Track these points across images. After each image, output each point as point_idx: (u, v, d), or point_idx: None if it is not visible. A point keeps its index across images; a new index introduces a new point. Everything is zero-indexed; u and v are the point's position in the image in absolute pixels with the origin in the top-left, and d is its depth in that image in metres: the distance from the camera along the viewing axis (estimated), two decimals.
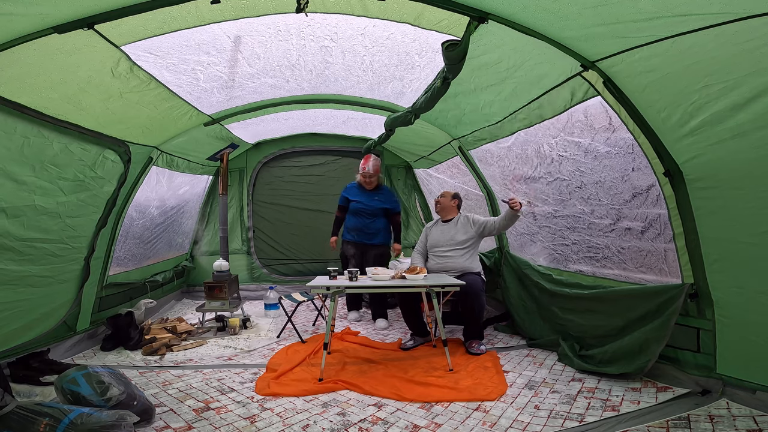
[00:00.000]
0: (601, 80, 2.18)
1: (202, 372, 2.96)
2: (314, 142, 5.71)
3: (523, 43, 2.16)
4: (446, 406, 2.33)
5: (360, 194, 4.22)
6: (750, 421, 1.90)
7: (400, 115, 3.35)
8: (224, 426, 2.15)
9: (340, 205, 4.32)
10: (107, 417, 1.88)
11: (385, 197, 4.27)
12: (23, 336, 2.73)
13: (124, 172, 3.28)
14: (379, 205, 4.19)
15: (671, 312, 2.30)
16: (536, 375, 2.72)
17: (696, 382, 2.25)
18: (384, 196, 4.27)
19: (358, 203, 4.17)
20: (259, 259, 5.67)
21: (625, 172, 2.53)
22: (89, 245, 3.17)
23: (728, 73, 1.69)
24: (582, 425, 2.05)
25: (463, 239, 3.51)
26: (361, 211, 4.16)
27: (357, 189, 4.27)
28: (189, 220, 5.35)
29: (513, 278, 3.75)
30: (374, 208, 4.17)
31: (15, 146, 2.24)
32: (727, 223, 2.02)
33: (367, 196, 4.20)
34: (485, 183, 4.01)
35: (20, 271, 2.52)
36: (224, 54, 2.68)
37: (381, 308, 4.15)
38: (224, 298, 4.09)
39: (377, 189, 4.28)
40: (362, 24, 2.40)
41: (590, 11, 1.78)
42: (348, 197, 4.25)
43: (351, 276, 3.00)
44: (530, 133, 3.12)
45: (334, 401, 2.44)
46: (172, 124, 3.52)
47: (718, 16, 1.53)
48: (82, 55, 2.12)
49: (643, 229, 2.53)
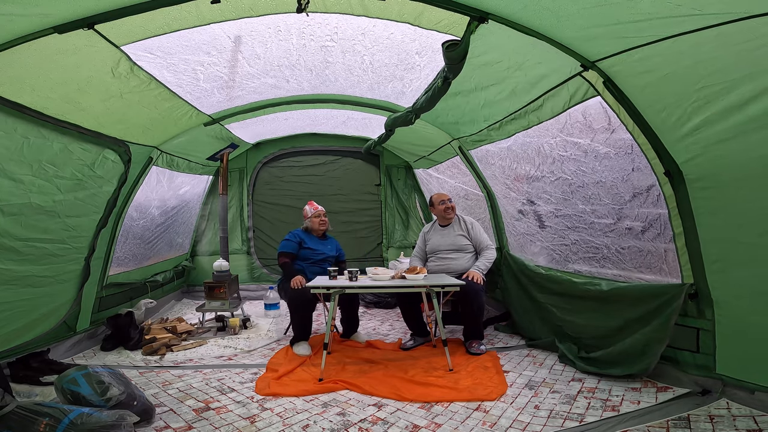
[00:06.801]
0: (601, 80, 2.18)
1: (202, 372, 2.96)
2: (314, 142, 5.71)
3: (524, 43, 2.16)
4: (446, 406, 2.33)
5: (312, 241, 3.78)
6: (750, 421, 1.90)
7: (401, 115, 3.35)
8: (224, 426, 2.15)
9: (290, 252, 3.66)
10: (107, 417, 1.88)
11: (333, 245, 3.93)
12: (23, 336, 2.73)
13: (124, 172, 3.28)
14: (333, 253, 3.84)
15: (671, 312, 2.29)
16: (536, 375, 2.72)
17: (696, 382, 2.25)
18: (332, 244, 3.93)
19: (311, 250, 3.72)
20: (259, 259, 5.67)
21: (626, 172, 2.53)
22: (89, 245, 3.17)
23: (728, 73, 1.69)
24: (582, 425, 2.04)
25: (465, 243, 3.52)
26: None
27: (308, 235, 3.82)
28: (189, 220, 5.35)
29: (513, 278, 3.75)
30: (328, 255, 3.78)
31: (15, 146, 2.25)
32: (727, 223, 2.02)
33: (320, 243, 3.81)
34: (485, 183, 4.01)
35: (21, 271, 2.52)
36: (224, 54, 2.68)
37: (352, 324, 3.73)
38: (224, 298, 4.09)
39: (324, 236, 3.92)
40: (362, 24, 2.40)
41: (590, 11, 1.78)
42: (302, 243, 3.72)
43: (351, 276, 3.00)
44: (530, 133, 3.12)
45: (334, 401, 2.44)
46: (172, 124, 3.52)
47: (718, 16, 1.52)
48: (83, 55, 2.12)
49: (643, 229, 2.53)
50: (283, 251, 3.65)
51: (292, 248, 3.65)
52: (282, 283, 3.63)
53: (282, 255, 3.64)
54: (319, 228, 3.82)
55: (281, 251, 3.66)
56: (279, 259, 3.66)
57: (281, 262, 3.63)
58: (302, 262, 3.64)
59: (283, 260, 3.61)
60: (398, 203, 5.81)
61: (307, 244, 3.71)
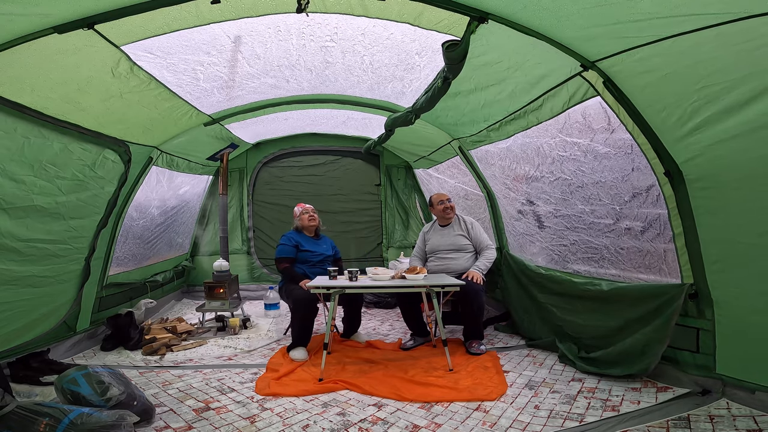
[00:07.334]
0: (601, 80, 2.18)
1: (202, 372, 2.96)
2: (314, 142, 5.71)
3: (523, 43, 2.16)
4: (446, 406, 2.33)
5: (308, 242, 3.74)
6: (750, 421, 1.90)
7: (401, 115, 3.35)
8: (224, 426, 2.15)
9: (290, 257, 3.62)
10: (107, 417, 1.88)
11: (328, 244, 3.89)
12: (23, 336, 2.73)
13: (124, 172, 3.28)
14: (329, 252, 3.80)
15: (671, 312, 2.29)
16: (536, 375, 2.72)
17: (696, 382, 2.25)
18: (327, 243, 3.88)
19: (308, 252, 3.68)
20: (259, 259, 5.67)
21: (625, 172, 2.53)
22: (90, 245, 3.17)
23: (728, 73, 1.69)
24: (582, 425, 2.04)
25: (465, 243, 3.52)
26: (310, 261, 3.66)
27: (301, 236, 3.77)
28: (189, 220, 5.35)
29: (513, 278, 3.75)
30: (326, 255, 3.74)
31: (15, 146, 2.24)
32: (727, 223, 2.02)
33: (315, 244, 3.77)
34: (485, 183, 4.01)
35: (21, 272, 2.52)
36: (224, 54, 2.68)
37: (353, 323, 3.71)
38: (224, 298, 4.09)
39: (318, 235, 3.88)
40: (362, 24, 2.40)
41: (590, 11, 1.78)
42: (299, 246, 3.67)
43: (351, 276, 3.00)
44: (529, 133, 3.11)
45: (334, 401, 2.44)
46: (172, 124, 3.52)
47: (718, 16, 1.52)
48: (82, 55, 2.12)
49: (643, 229, 2.53)
50: (282, 256, 3.60)
51: (289, 252, 3.61)
52: (284, 286, 3.60)
53: (281, 260, 3.59)
54: (309, 224, 3.77)
55: (279, 256, 3.62)
56: (278, 264, 3.61)
57: (282, 268, 3.58)
58: (302, 266, 3.60)
59: (284, 265, 3.56)
60: (398, 203, 5.81)
61: (304, 247, 3.66)
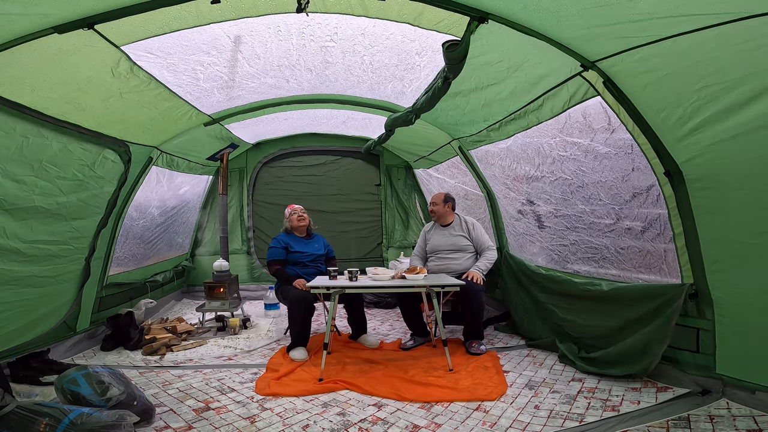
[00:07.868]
0: (601, 80, 2.18)
1: (202, 372, 2.96)
2: (314, 142, 5.71)
3: (523, 43, 2.16)
4: (446, 406, 2.33)
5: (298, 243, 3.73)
6: (750, 421, 1.90)
7: (401, 115, 3.35)
8: (224, 426, 2.15)
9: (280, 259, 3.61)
10: (107, 417, 1.88)
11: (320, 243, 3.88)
12: (23, 336, 2.73)
13: (124, 172, 3.28)
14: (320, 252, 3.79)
15: (671, 312, 2.29)
16: (536, 375, 2.72)
17: (696, 382, 2.25)
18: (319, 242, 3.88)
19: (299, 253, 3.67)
20: (259, 259, 5.67)
21: (625, 172, 2.53)
22: (90, 245, 3.17)
23: (728, 73, 1.69)
24: (582, 425, 2.04)
25: (466, 244, 3.52)
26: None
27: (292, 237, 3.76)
28: (189, 220, 5.35)
29: (513, 278, 3.75)
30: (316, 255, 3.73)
31: (15, 146, 2.24)
32: (727, 223, 2.02)
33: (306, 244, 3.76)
34: (485, 183, 4.01)
35: (22, 272, 2.52)
36: (224, 54, 2.68)
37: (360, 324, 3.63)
38: (224, 298, 4.09)
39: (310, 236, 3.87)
40: (362, 24, 2.40)
41: (590, 11, 1.78)
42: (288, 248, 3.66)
43: (351, 276, 3.00)
44: (530, 133, 3.11)
45: (334, 401, 2.44)
46: (172, 124, 3.52)
47: (718, 16, 1.52)
48: (82, 55, 2.12)
49: (643, 229, 2.53)
50: (272, 259, 3.59)
51: (279, 255, 3.60)
52: (280, 287, 3.60)
53: (272, 263, 3.59)
54: (299, 224, 3.75)
55: (270, 260, 3.61)
56: (270, 268, 3.61)
57: (273, 270, 3.58)
58: (294, 267, 3.58)
59: (275, 268, 3.56)
60: (398, 203, 5.81)
61: (294, 248, 3.64)
